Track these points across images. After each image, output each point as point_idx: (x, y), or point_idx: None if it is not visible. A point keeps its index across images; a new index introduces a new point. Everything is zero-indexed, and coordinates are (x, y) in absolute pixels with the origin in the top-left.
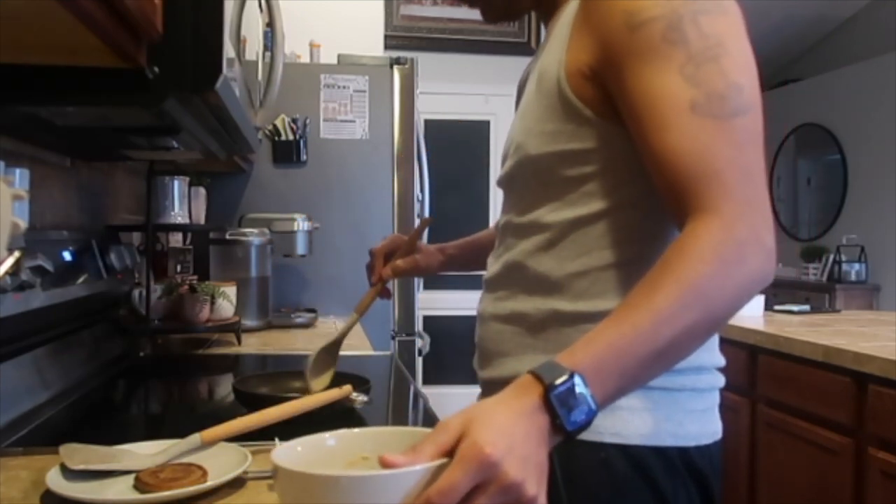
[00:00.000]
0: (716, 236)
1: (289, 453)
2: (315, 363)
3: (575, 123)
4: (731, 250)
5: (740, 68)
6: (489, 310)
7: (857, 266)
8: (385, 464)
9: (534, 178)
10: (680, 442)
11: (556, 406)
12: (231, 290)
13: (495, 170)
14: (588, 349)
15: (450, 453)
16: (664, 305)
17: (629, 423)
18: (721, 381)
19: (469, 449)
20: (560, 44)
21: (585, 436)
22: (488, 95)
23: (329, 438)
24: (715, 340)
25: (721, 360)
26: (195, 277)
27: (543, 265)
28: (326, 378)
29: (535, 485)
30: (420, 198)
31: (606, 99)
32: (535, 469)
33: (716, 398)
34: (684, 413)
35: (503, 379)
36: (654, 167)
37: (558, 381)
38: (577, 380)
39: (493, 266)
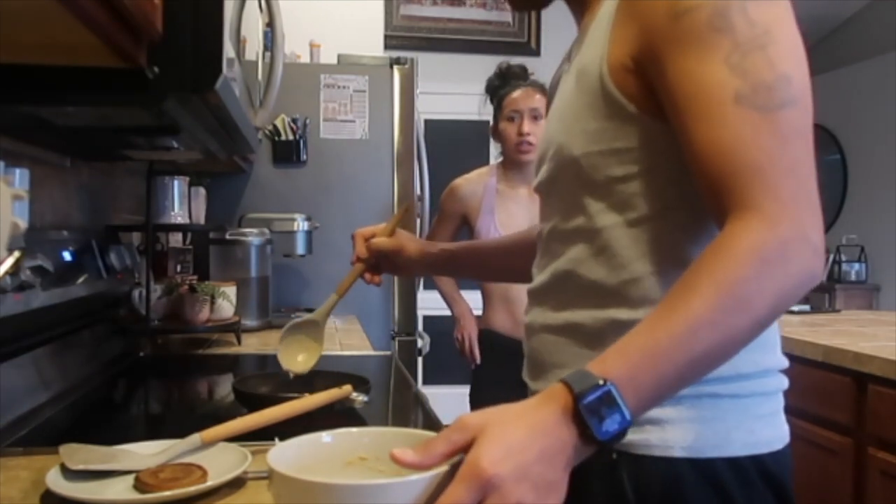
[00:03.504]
0: (757, 235)
1: (285, 453)
2: (289, 342)
3: (618, 120)
4: (772, 250)
5: (789, 58)
6: (539, 321)
7: (857, 266)
8: (395, 459)
9: (577, 180)
10: (752, 450)
11: (586, 416)
12: (231, 290)
13: None
14: (620, 357)
15: (462, 451)
16: (701, 310)
17: (700, 434)
18: (785, 383)
19: (471, 467)
20: (600, 39)
21: (655, 450)
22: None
23: (327, 438)
24: (777, 342)
25: (784, 362)
26: (195, 277)
27: (595, 273)
28: (305, 360)
29: None
30: (420, 197)
31: (650, 93)
32: (544, 489)
33: (781, 401)
34: (754, 419)
35: None
36: (693, 162)
37: (588, 391)
38: (609, 388)
39: (540, 276)
